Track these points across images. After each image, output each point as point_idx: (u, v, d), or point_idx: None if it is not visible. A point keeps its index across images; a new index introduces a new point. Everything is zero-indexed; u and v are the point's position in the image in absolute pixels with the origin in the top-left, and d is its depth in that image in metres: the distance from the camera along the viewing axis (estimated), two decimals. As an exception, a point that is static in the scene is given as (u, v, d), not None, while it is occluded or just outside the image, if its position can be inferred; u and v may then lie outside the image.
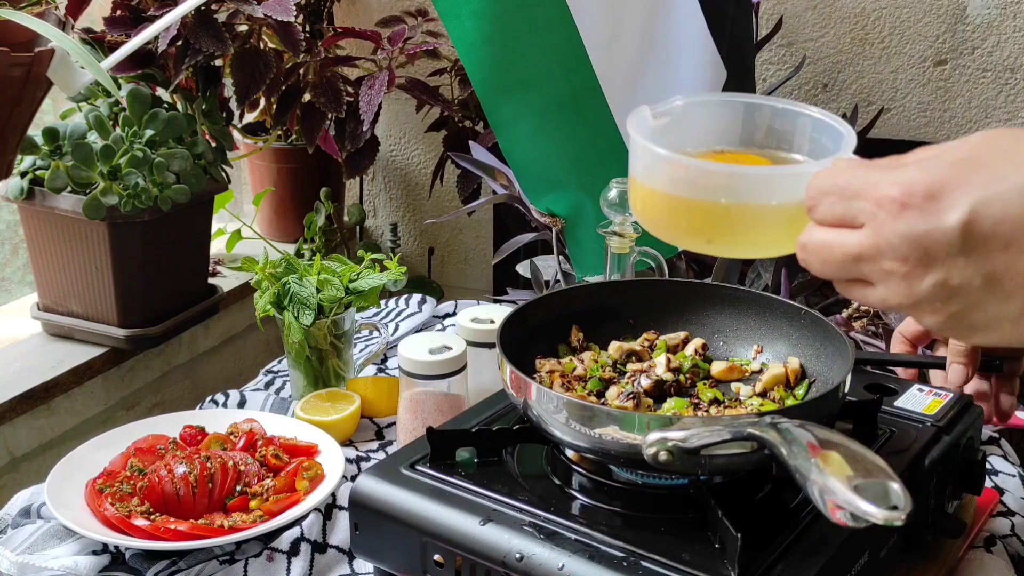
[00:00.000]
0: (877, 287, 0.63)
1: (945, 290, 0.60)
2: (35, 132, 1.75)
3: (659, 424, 0.82)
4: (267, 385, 1.45)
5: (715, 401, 1.00)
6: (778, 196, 0.72)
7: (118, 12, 1.95)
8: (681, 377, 1.03)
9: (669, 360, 1.03)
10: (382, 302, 1.66)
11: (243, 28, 2.09)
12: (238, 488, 1.10)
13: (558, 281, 1.74)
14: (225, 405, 1.36)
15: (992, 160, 0.59)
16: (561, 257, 1.65)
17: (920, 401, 1.07)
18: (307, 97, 2.15)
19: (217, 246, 2.22)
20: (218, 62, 2.07)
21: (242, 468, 1.11)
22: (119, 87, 1.84)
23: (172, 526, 1.03)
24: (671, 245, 1.62)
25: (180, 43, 1.91)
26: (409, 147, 2.70)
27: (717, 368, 1.05)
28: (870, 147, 2.23)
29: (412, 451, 0.98)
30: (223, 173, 2.01)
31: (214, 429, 1.22)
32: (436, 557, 0.89)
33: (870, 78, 2.21)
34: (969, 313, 0.61)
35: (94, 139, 1.78)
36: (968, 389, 1.11)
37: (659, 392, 1.01)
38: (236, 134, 2.24)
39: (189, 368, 2.18)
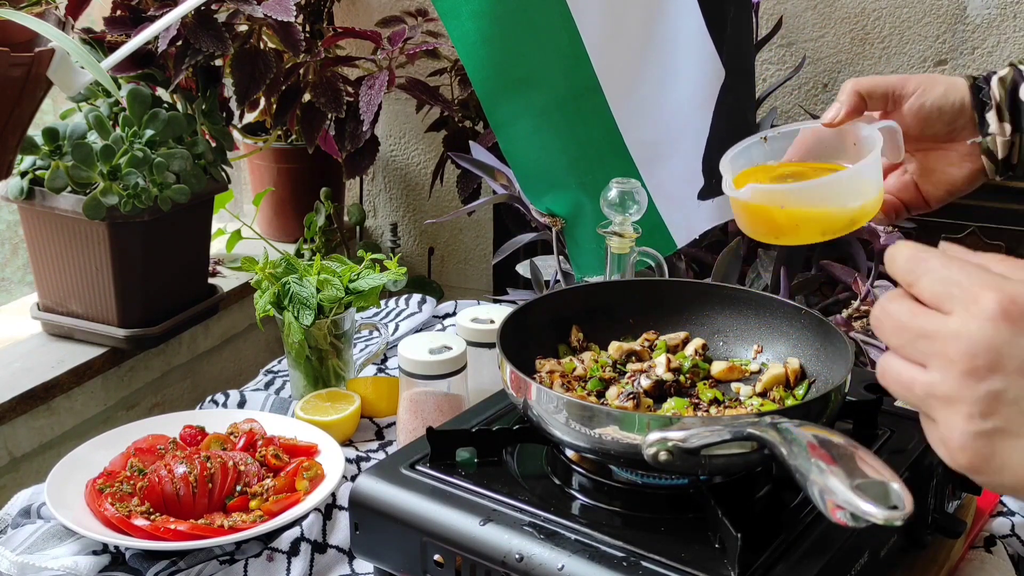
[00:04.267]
0: (930, 370, 0.63)
1: (995, 402, 0.60)
2: (35, 132, 1.75)
3: (659, 424, 0.82)
4: (267, 385, 1.45)
5: (715, 401, 1.00)
6: (827, 201, 0.93)
7: (118, 12, 1.95)
8: (681, 377, 1.03)
9: (669, 360, 1.03)
10: (382, 302, 1.66)
11: (243, 28, 2.09)
12: (238, 488, 1.10)
13: (558, 281, 1.73)
14: (225, 405, 1.36)
15: None
16: (561, 257, 1.65)
17: (920, 401, 1.07)
18: (307, 97, 2.15)
19: (217, 246, 2.22)
20: (218, 62, 2.07)
21: (242, 468, 1.11)
22: (119, 87, 1.84)
23: (172, 526, 1.03)
24: (670, 244, 1.62)
25: (180, 43, 1.91)
26: (409, 147, 2.70)
27: (717, 368, 1.05)
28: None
29: (412, 451, 0.98)
30: (223, 173, 2.01)
31: (214, 429, 1.22)
32: (436, 557, 0.89)
33: (870, 78, 2.21)
34: (1002, 436, 0.61)
35: (94, 139, 1.78)
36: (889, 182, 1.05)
37: (659, 392, 1.01)
38: (236, 134, 2.24)
39: (189, 368, 2.18)
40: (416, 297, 1.70)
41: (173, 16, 1.54)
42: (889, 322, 0.65)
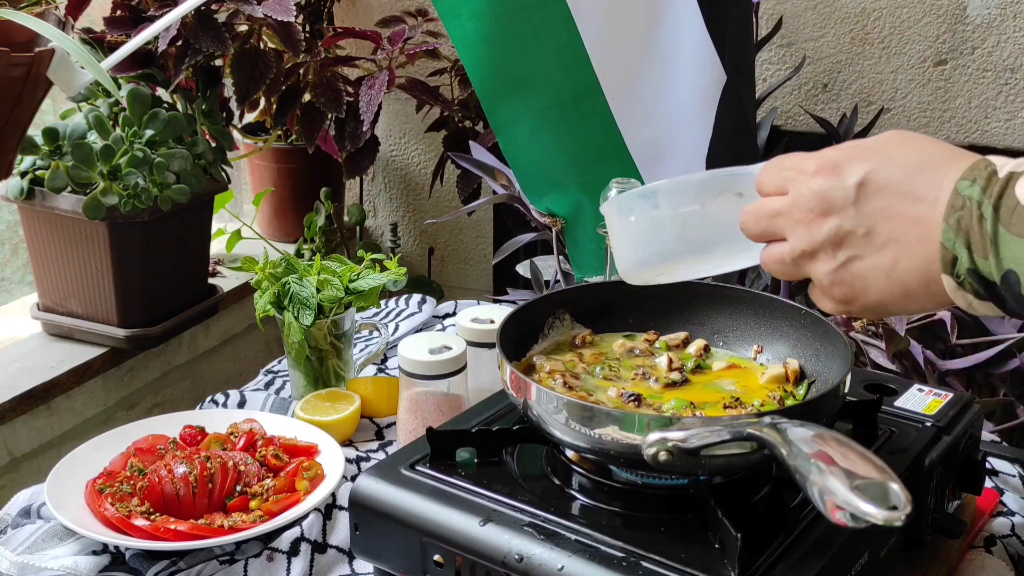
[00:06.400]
0: (789, 239, 0.77)
1: (838, 236, 0.74)
2: (35, 132, 1.75)
3: (659, 424, 0.82)
4: (267, 385, 1.45)
5: (715, 401, 1.00)
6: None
7: (118, 12, 1.94)
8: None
9: (671, 360, 1.03)
10: (382, 302, 1.66)
11: (243, 28, 2.09)
12: (238, 488, 1.10)
13: (558, 281, 1.74)
14: (225, 405, 1.36)
15: (887, 148, 0.76)
16: (561, 257, 1.65)
17: (920, 401, 1.07)
18: (307, 97, 2.15)
19: (217, 246, 2.22)
20: (218, 62, 2.07)
21: (242, 468, 1.11)
22: (119, 87, 1.84)
23: (172, 526, 1.03)
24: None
25: (180, 43, 1.91)
26: (409, 147, 2.70)
27: (717, 367, 1.05)
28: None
29: (412, 451, 0.98)
30: (223, 173, 2.01)
31: (214, 429, 1.22)
32: (436, 557, 0.89)
33: (870, 78, 2.21)
34: (854, 263, 0.74)
35: (94, 139, 1.78)
36: None
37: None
38: (236, 134, 2.24)
39: (189, 368, 2.18)
40: (416, 297, 1.70)
41: (173, 16, 1.54)
42: (747, 218, 0.80)
